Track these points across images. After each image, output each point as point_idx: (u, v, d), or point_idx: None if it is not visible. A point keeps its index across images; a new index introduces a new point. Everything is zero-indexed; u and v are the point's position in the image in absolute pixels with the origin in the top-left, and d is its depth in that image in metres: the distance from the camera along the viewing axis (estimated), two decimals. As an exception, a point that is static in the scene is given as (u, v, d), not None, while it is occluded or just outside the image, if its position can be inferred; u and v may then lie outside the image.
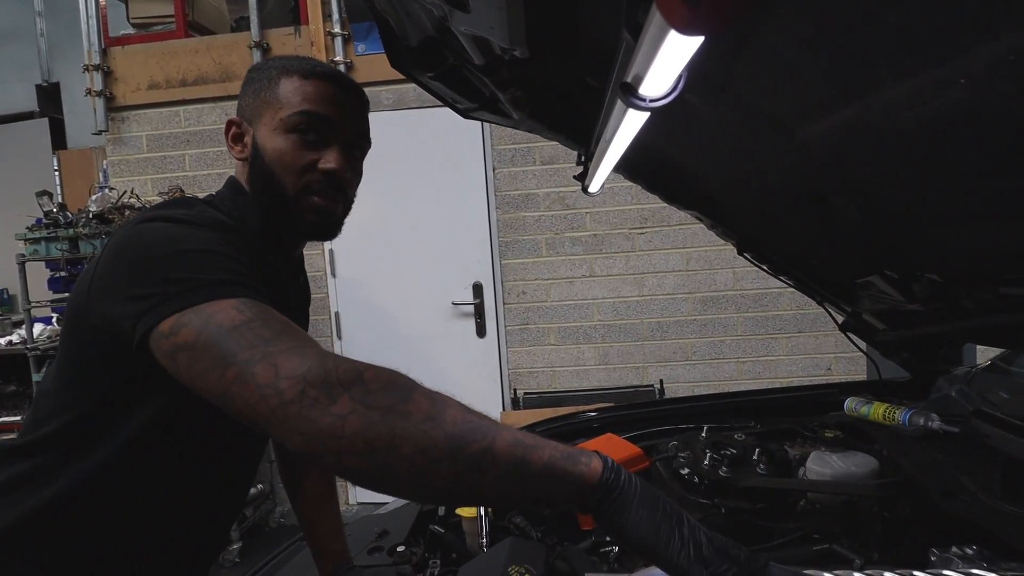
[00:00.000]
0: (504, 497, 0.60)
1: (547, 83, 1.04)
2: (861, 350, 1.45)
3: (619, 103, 0.45)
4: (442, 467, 0.50)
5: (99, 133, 3.35)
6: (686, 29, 0.24)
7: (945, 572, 0.65)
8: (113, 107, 3.32)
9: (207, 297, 0.59)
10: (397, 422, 0.50)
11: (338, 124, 0.80)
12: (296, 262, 0.92)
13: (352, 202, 0.86)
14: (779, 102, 0.68)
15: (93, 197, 3.01)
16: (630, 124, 0.59)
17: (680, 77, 0.38)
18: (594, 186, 1.09)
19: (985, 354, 1.33)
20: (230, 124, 0.83)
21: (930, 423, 1.05)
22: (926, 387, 1.32)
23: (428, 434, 0.50)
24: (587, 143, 1.19)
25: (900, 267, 0.98)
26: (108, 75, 3.30)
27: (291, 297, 0.88)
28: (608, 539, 0.99)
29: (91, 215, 2.79)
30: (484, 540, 1.00)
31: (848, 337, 1.42)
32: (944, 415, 1.07)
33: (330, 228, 0.83)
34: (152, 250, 0.65)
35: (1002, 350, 1.26)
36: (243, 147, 0.82)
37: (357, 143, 0.83)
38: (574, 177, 1.20)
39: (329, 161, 0.79)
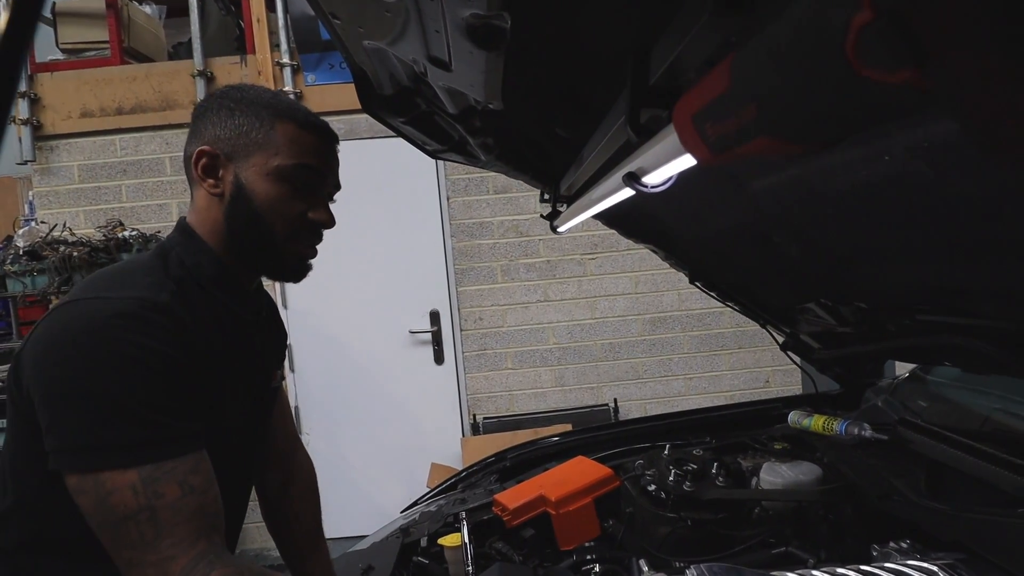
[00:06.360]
0: None
1: (517, 131, 1.11)
2: (799, 366, 1.60)
3: (614, 178, 0.52)
4: None
5: (25, 163, 3.17)
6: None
7: (886, 564, 0.75)
8: (41, 136, 3.16)
9: (108, 464, 0.63)
10: None
11: (327, 177, 0.85)
12: (253, 298, 0.91)
13: None
14: (734, 162, 0.79)
15: (20, 231, 2.83)
16: (622, 194, 0.67)
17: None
18: (564, 228, 1.17)
19: (903, 367, 1.49)
20: (201, 154, 0.78)
21: (863, 432, 1.18)
22: (856, 398, 1.47)
23: None
24: (551, 183, 1.27)
25: (833, 296, 1.11)
26: (35, 102, 3.14)
27: (255, 336, 0.88)
28: (588, 557, 1.05)
29: (21, 251, 2.63)
30: (469, 568, 1.04)
31: (788, 355, 1.56)
32: (874, 424, 1.20)
33: (305, 273, 0.87)
34: (68, 377, 0.64)
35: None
36: (217, 182, 0.79)
37: (335, 191, 0.88)
38: (542, 216, 1.28)
39: (321, 215, 0.84)
